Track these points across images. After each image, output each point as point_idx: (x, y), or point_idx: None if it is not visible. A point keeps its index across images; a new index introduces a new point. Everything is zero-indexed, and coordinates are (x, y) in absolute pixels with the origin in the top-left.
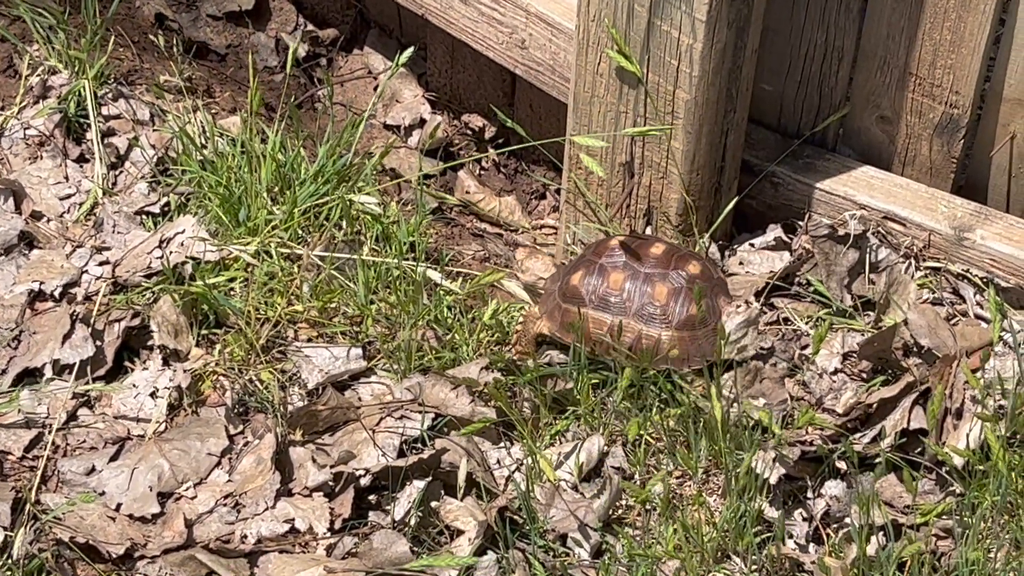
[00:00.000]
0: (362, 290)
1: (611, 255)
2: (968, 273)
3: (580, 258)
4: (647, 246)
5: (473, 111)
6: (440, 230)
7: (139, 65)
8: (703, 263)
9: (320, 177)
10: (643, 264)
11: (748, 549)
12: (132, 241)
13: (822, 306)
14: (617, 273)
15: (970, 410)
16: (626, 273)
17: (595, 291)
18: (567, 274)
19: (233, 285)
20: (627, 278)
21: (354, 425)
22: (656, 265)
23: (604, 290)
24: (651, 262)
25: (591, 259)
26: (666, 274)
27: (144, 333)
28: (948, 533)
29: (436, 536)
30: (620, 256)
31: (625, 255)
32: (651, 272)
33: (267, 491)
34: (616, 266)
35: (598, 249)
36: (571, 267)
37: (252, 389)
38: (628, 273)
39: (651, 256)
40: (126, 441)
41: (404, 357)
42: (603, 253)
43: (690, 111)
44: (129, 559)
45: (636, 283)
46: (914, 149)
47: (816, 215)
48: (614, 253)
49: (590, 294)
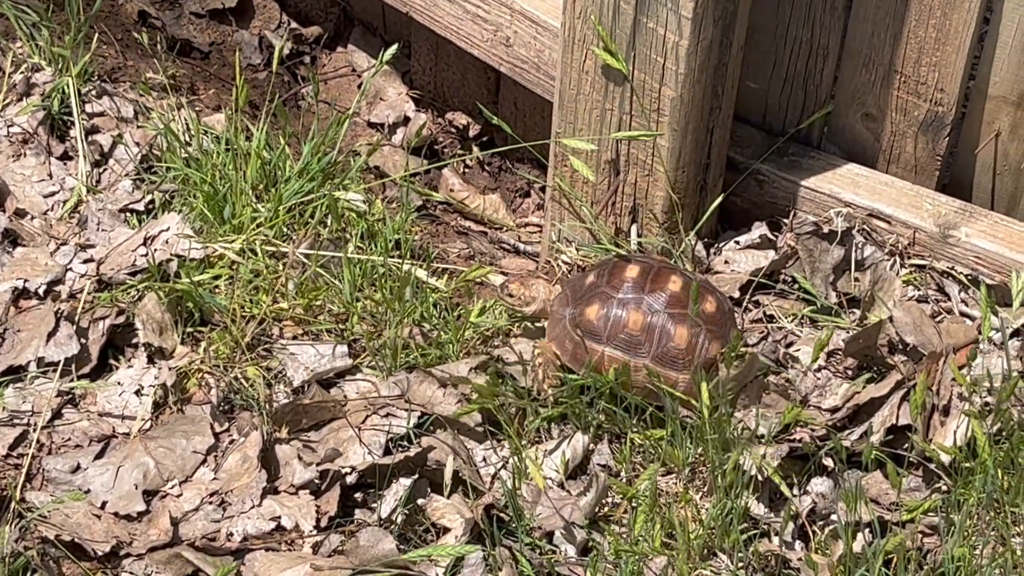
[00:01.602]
0: (347, 288)
1: (628, 290)
2: (953, 270)
3: (594, 287)
4: (663, 279)
5: (457, 109)
6: (425, 228)
7: (123, 63)
8: (717, 298)
9: (305, 175)
10: (660, 301)
11: (735, 546)
12: (116, 239)
13: (807, 303)
14: (637, 314)
15: (957, 407)
16: (645, 314)
17: (613, 329)
18: (580, 303)
19: (218, 283)
20: (647, 318)
21: (340, 423)
22: (674, 304)
23: (623, 330)
24: (669, 299)
25: (607, 292)
26: (685, 315)
27: (129, 331)
28: (934, 530)
29: (423, 534)
30: (637, 292)
31: (643, 291)
32: (672, 313)
33: (253, 489)
34: (635, 305)
35: (612, 280)
36: (584, 294)
37: (237, 387)
38: (647, 313)
39: (668, 292)
40: (111, 439)
41: (390, 355)
42: (619, 287)
43: (676, 108)
44: (115, 557)
45: (656, 325)
46: (899, 147)
47: (801, 213)
48: (630, 288)
49: (608, 331)
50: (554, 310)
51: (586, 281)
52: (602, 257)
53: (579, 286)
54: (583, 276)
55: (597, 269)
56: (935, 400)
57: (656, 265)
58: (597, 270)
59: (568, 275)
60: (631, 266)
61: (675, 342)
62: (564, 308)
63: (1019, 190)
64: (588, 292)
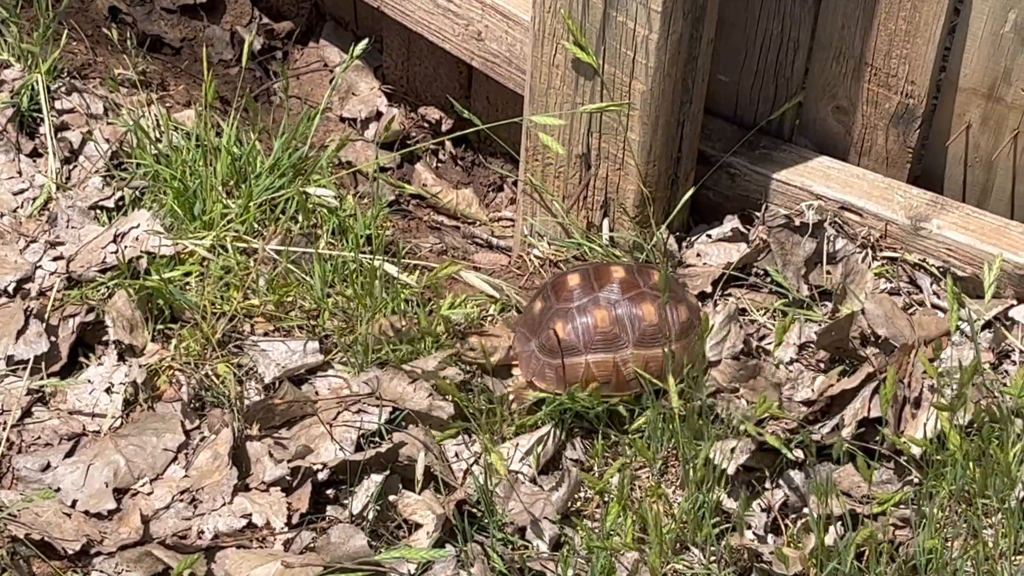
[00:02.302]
0: (319, 283)
1: (579, 296)
2: (925, 263)
3: (547, 311)
4: (604, 273)
5: (430, 104)
6: (397, 223)
7: (92, 59)
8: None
9: (276, 170)
10: (614, 291)
11: (707, 540)
12: (86, 236)
13: (779, 297)
14: (600, 311)
15: (928, 399)
16: (607, 308)
17: (587, 336)
18: (542, 329)
19: (188, 279)
20: (611, 311)
21: (311, 419)
22: (628, 288)
23: (596, 331)
24: (620, 286)
25: (562, 307)
26: (644, 293)
27: (99, 328)
28: (906, 522)
29: (394, 530)
30: (588, 293)
31: (593, 290)
32: (631, 296)
33: (224, 486)
34: (594, 304)
35: (559, 295)
36: (540, 321)
37: (208, 384)
38: (609, 306)
39: (616, 281)
40: (81, 437)
41: (361, 351)
42: (570, 297)
43: (646, 102)
44: (85, 556)
45: (623, 313)
46: (870, 139)
47: (773, 206)
48: (580, 293)
49: (583, 340)
50: (519, 351)
51: (535, 310)
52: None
53: (531, 318)
54: (529, 308)
55: (539, 295)
56: (906, 392)
57: (590, 266)
58: (539, 296)
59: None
60: (570, 276)
61: (647, 320)
62: (528, 343)
63: (990, 182)
64: (543, 317)
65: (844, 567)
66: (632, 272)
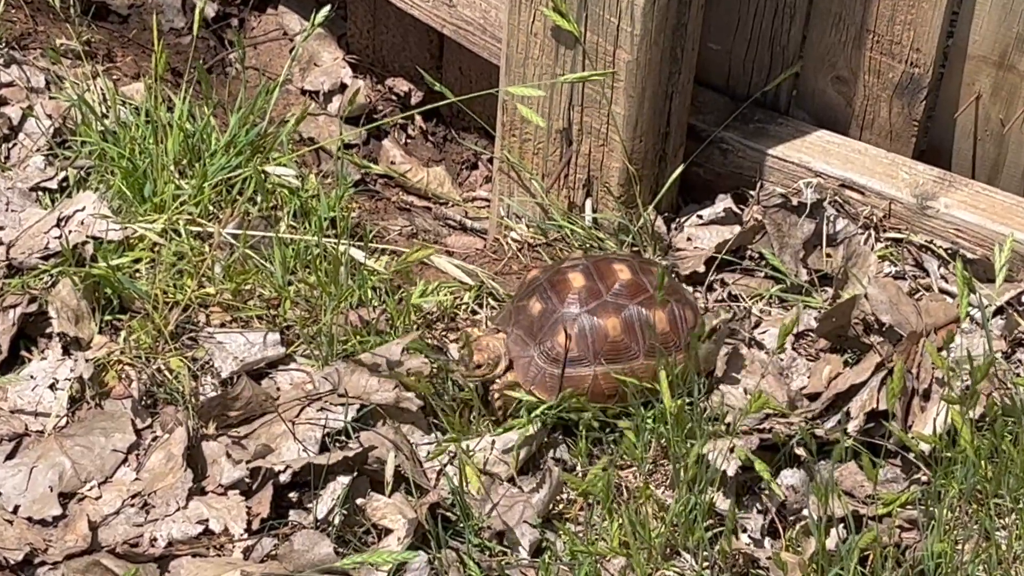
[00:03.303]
0: (279, 270)
1: (586, 300)
2: (932, 244)
3: (549, 313)
4: (608, 273)
5: (398, 75)
6: (363, 204)
7: (33, 28)
8: (661, 267)
9: (232, 148)
10: (623, 295)
11: (699, 544)
12: (27, 220)
13: (775, 282)
14: (613, 318)
15: (938, 392)
16: (619, 315)
17: (596, 346)
18: (544, 335)
19: (138, 267)
20: (623, 319)
21: (272, 417)
22: (636, 291)
23: (606, 341)
24: (628, 289)
25: (567, 312)
26: (653, 297)
27: (42, 320)
28: (913, 524)
29: (363, 536)
30: (596, 297)
31: (601, 294)
32: (641, 300)
33: (178, 490)
34: (603, 310)
35: (562, 297)
36: (541, 325)
37: (160, 379)
38: (621, 313)
39: (623, 282)
40: (23, 437)
41: (326, 342)
42: (575, 300)
43: (632, 73)
44: (29, 565)
45: (634, 320)
46: (873, 111)
47: (768, 183)
48: (586, 296)
49: (592, 350)
50: (515, 355)
51: (533, 311)
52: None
53: (528, 319)
54: (525, 307)
55: (535, 294)
56: (915, 384)
57: (589, 263)
58: (536, 294)
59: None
60: (571, 275)
61: (659, 328)
62: (526, 348)
63: (1002, 157)
64: (545, 321)
65: (847, 573)
66: (636, 271)
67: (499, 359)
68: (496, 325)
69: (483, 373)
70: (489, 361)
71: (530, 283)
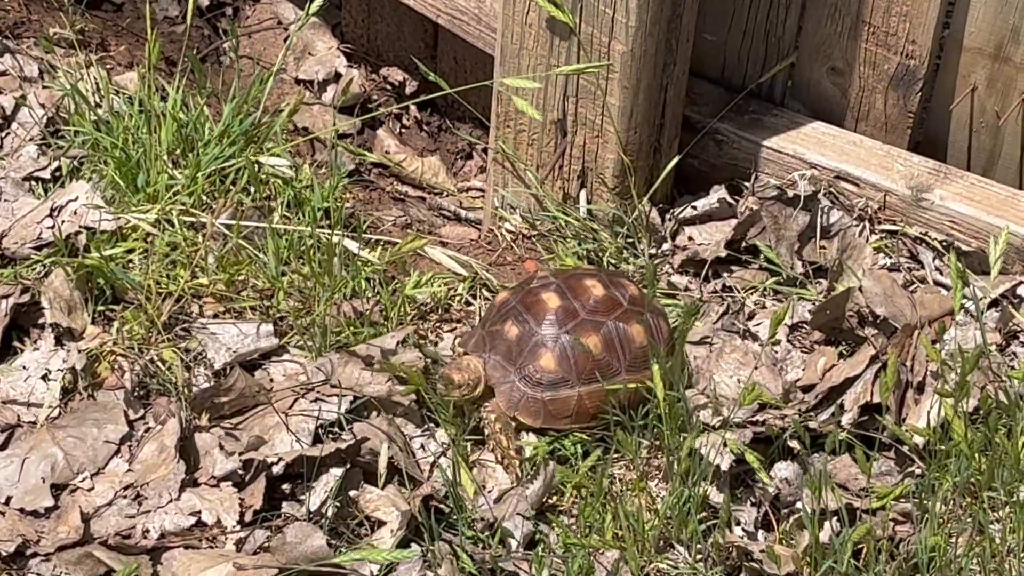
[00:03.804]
0: (272, 261)
1: (563, 320)
2: (927, 236)
3: (528, 337)
4: (581, 290)
5: (392, 64)
6: (357, 194)
7: (26, 16)
8: (627, 278)
9: (226, 138)
10: (599, 312)
11: (692, 537)
12: (20, 210)
13: (770, 274)
14: (594, 336)
15: (931, 385)
16: (599, 332)
17: (579, 366)
18: (525, 359)
19: (131, 257)
20: (603, 336)
21: (265, 408)
22: (612, 307)
23: (590, 360)
24: (603, 305)
25: (546, 334)
26: (629, 312)
27: (35, 310)
28: (907, 517)
29: (356, 528)
30: (571, 317)
31: (577, 314)
32: (619, 315)
33: (171, 481)
34: (582, 329)
35: (538, 318)
36: (520, 348)
37: (153, 370)
38: (600, 331)
39: (597, 299)
40: (16, 428)
41: (319, 333)
42: (554, 322)
43: (627, 64)
44: (21, 557)
45: (614, 337)
46: (868, 103)
47: (763, 175)
48: (563, 316)
49: (575, 371)
50: (495, 381)
51: (510, 335)
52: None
53: (506, 344)
54: (500, 331)
55: (511, 317)
56: (909, 376)
57: (559, 280)
58: (512, 318)
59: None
60: (544, 295)
61: (637, 342)
62: (507, 374)
63: (997, 149)
64: (523, 344)
65: (840, 566)
66: (607, 285)
67: (479, 381)
68: (467, 350)
69: (463, 394)
70: (469, 382)
71: (501, 306)
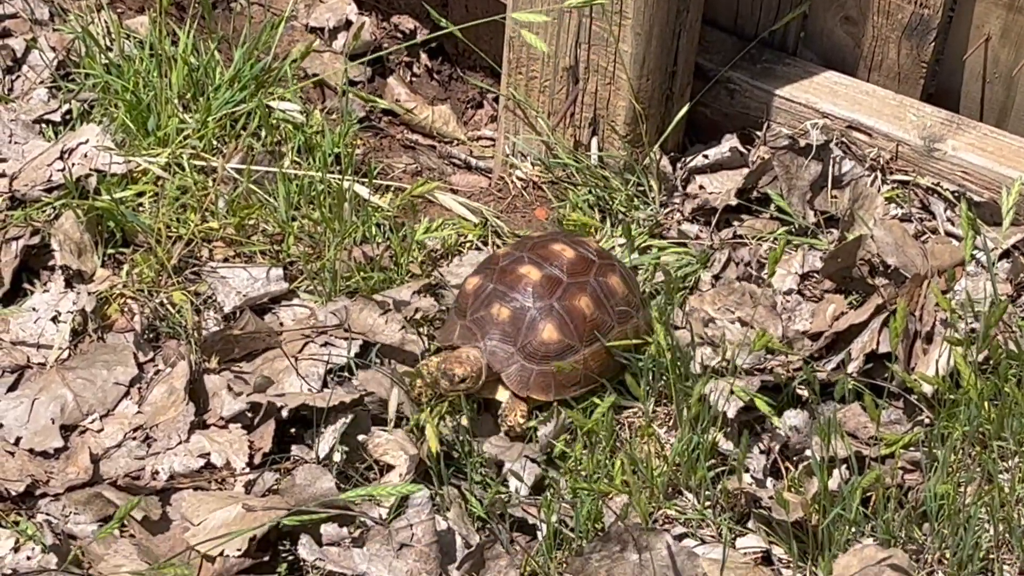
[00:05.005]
0: (283, 205)
1: (550, 289)
2: (939, 187)
3: (522, 313)
4: (553, 255)
5: (403, 12)
6: (368, 141)
7: None
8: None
9: (236, 82)
10: (578, 272)
11: (701, 484)
12: (31, 152)
13: (782, 223)
14: (584, 298)
15: (941, 334)
16: (586, 292)
17: (580, 329)
18: (527, 334)
19: (142, 200)
20: (592, 296)
21: (275, 352)
22: (586, 267)
23: (587, 321)
24: (577, 265)
25: (542, 305)
26: (602, 265)
27: (45, 252)
28: (916, 466)
29: (364, 472)
30: (555, 286)
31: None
32: (601, 266)
33: (180, 423)
34: (574, 294)
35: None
36: (521, 326)
37: (163, 313)
38: (587, 291)
39: (571, 261)
40: (26, 369)
41: (329, 278)
42: (542, 293)
43: (640, 11)
44: (30, 497)
45: (600, 294)
46: (881, 53)
47: (775, 124)
48: (547, 285)
49: (580, 335)
50: (501, 363)
51: (501, 317)
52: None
53: (499, 327)
54: (488, 316)
55: (496, 300)
56: (918, 326)
57: (527, 253)
58: (497, 300)
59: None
60: (523, 269)
61: (618, 293)
62: (510, 355)
63: (1010, 100)
64: (519, 322)
65: (848, 513)
66: (573, 245)
67: (481, 371)
68: (456, 343)
69: (467, 387)
70: (472, 374)
71: (477, 293)
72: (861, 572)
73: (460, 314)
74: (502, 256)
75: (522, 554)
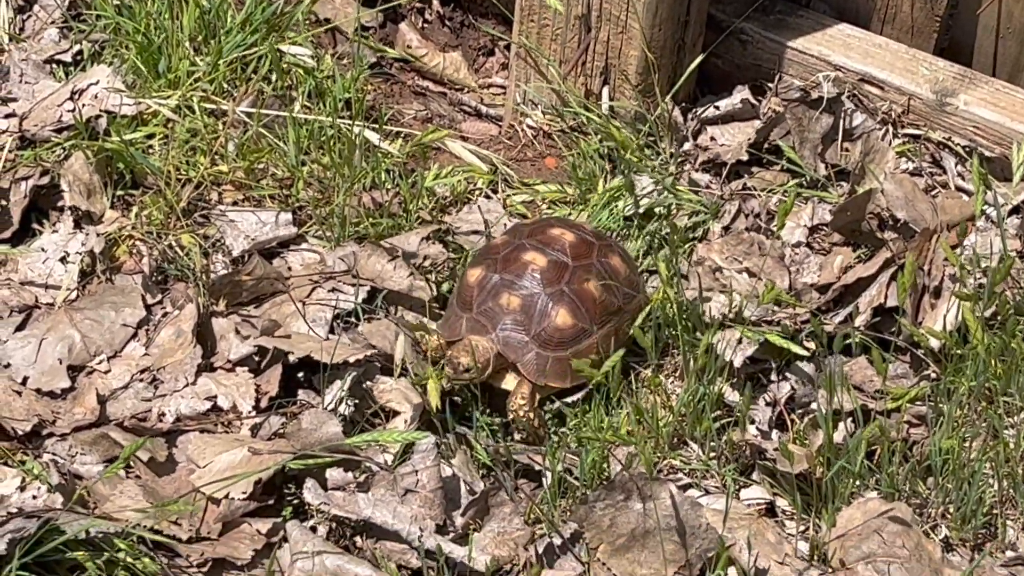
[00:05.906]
0: (292, 150)
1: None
2: (950, 141)
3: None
4: (552, 240)
5: None
6: (379, 87)
7: None
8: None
9: (248, 25)
10: (581, 256)
11: (706, 435)
12: (41, 92)
13: (793, 176)
14: (592, 282)
15: (949, 289)
16: (594, 274)
17: (591, 312)
18: (541, 320)
19: (152, 142)
20: (597, 276)
21: (282, 297)
22: (586, 250)
23: (599, 304)
24: (578, 249)
25: (552, 292)
26: (601, 247)
27: (54, 193)
28: (922, 420)
29: (370, 418)
30: (560, 270)
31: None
32: (599, 253)
33: (187, 366)
34: (583, 276)
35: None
36: (535, 312)
37: (172, 255)
38: (593, 272)
39: (571, 244)
40: (34, 309)
41: (338, 223)
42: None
43: None
44: (37, 436)
45: (605, 275)
46: (895, 6)
47: (787, 76)
48: (554, 269)
49: (593, 317)
50: (516, 353)
51: (512, 306)
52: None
53: (510, 315)
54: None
55: (504, 290)
56: (926, 281)
57: (527, 240)
58: (506, 290)
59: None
60: (527, 256)
61: (621, 274)
62: (525, 343)
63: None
64: (530, 310)
65: (853, 466)
66: (571, 228)
67: (489, 362)
68: (464, 335)
69: (472, 376)
70: (479, 363)
71: (481, 284)
72: (864, 525)
73: (464, 307)
74: (501, 245)
75: (526, 501)
